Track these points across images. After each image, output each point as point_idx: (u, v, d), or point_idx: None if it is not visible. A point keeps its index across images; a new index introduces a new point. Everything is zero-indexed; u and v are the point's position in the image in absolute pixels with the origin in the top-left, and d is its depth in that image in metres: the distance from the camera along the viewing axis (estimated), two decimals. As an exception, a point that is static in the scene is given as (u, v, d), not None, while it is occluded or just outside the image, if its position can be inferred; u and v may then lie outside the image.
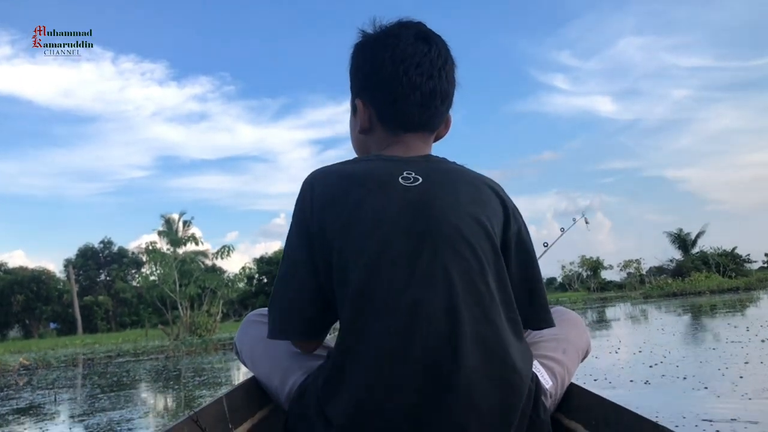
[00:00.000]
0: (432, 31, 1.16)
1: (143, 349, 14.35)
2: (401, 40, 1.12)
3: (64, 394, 6.44)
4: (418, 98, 1.10)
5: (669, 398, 3.38)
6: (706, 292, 23.19)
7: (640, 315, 13.21)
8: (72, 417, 4.75)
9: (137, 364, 10.12)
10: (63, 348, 22.56)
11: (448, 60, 1.15)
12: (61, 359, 12.88)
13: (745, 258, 53.75)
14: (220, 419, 1.06)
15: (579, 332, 1.32)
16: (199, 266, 27.19)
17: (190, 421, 0.95)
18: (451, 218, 0.99)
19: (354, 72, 1.18)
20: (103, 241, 47.59)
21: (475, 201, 1.04)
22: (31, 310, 43.45)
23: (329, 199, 1.01)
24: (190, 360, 10.23)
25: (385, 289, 0.94)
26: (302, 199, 1.05)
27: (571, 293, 50.00)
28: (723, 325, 7.98)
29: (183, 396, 5.53)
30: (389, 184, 1.01)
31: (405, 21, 1.17)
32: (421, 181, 1.02)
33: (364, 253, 0.96)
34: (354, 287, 0.96)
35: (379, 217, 0.98)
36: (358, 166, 1.07)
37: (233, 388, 1.19)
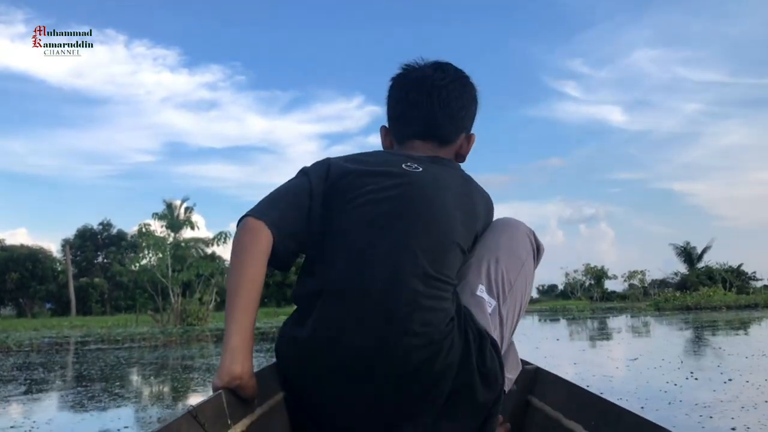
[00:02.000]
0: (451, 64, 1.41)
1: (120, 336, 13.02)
2: (416, 70, 1.40)
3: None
4: (420, 113, 1.35)
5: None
6: (723, 308, 21.85)
7: (676, 329, 11.84)
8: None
9: (103, 354, 8.83)
10: (48, 329, 21.37)
11: (456, 84, 1.37)
12: (25, 344, 11.59)
13: (751, 275, 52.59)
14: (219, 414, 1.03)
15: (512, 233, 1.32)
16: (192, 252, 25.93)
17: (189, 416, 0.93)
18: (436, 199, 1.20)
19: (387, 105, 1.45)
20: (102, 222, 46.35)
21: (463, 194, 1.27)
22: (25, 288, 42.24)
23: (345, 165, 1.26)
24: (162, 353, 8.92)
25: (354, 239, 1.15)
26: (325, 166, 1.27)
27: (574, 301, 48.76)
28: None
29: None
30: (394, 166, 1.25)
31: (433, 61, 1.42)
32: (421, 169, 1.25)
33: (353, 208, 1.18)
34: (333, 229, 1.18)
35: (377, 185, 1.20)
36: (372, 154, 1.34)
37: None
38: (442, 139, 1.37)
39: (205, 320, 22.78)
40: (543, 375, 1.40)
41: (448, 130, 1.37)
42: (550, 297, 60.83)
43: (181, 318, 22.50)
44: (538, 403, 1.33)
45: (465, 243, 1.22)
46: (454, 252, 1.19)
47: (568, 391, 1.23)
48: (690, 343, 7.98)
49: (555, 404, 1.25)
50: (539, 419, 1.31)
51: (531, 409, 1.37)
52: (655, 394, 3.89)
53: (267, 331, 13.80)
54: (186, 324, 21.63)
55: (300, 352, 1.15)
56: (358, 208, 1.18)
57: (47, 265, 43.90)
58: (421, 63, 1.41)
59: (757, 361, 5.38)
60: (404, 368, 1.07)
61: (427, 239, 1.15)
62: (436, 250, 1.15)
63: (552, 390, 1.31)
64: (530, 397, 1.38)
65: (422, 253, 1.13)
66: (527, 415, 1.39)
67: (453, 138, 1.38)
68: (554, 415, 1.22)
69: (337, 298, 1.12)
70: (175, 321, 22.23)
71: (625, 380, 4.51)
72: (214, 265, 25.30)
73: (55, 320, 29.97)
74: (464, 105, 1.38)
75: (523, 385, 1.39)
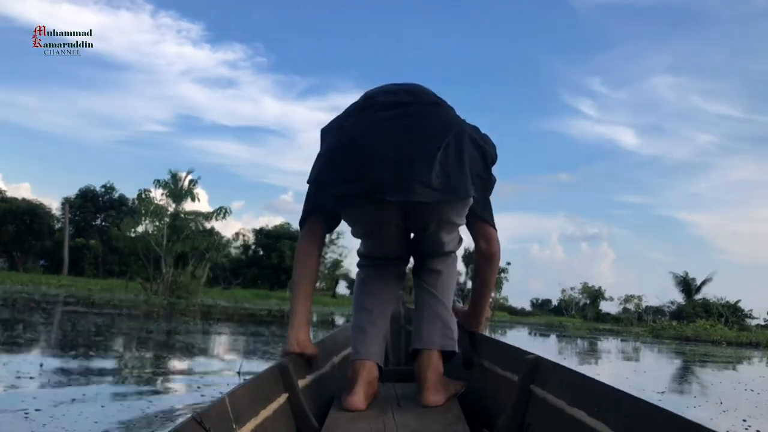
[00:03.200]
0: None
1: (101, 301, 12.32)
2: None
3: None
4: None
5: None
6: (723, 343, 21.10)
7: (680, 360, 11.12)
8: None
9: (75, 317, 8.15)
10: (35, 285, 20.72)
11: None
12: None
13: (747, 313, 51.83)
14: (223, 419, 1.04)
15: None
16: (189, 224, 25.23)
17: (193, 422, 0.93)
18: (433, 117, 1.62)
19: None
20: (105, 185, 45.52)
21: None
22: (20, 242, 41.55)
23: (348, 113, 1.68)
24: (142, 323, 8.22)
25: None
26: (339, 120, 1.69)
27: (567, 318, 48.05)
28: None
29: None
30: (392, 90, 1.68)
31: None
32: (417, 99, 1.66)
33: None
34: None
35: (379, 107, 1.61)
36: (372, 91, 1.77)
37: (236, 388, 1.17)
38: None
39: (195, 294, 22.15)
40: (544, 364, 1.38)
41: None
42: (543, 311, 60.07)
43: (171, 289, 21.88)
44: (540, 392, 1.32)
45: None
46: None
47: (569, 379, 1.22)
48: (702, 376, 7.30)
49: (557, 392, 1.24)
50: (542, 408, 1.30)
51: (533, 398, 1.36)
52: None
53: (256, 312, 13.12)
54: (175, 296, 21.07)
55: None
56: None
57: (45, 221, 43.21)
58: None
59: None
60: None
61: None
62: None
63: (554, 378, 1.30)
64: (532, 386, 1.37)
65: None
66: (530, 404, 1.37)
67: None
68: (557, 403, 1.21)
69: None
70: (164, 291, 21.62)
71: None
72: (210, 240, 24.61)
73: (44, 277, 29.33)
74: None
75: (525, 374, 1.39)
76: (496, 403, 1.59)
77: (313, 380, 1.64)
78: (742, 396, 5.34)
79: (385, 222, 1.63)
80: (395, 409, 1.55)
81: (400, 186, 1.47)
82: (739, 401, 4.93)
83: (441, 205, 1.57)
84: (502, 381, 1.60)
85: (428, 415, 1.51)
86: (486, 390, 1.73)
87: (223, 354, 5.40)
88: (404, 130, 1.53)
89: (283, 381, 1.39)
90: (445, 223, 1.66)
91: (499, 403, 1.55)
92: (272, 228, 46.77)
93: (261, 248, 46.44)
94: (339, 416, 1.50)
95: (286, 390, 1.40)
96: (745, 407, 4.58)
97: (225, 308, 12.93)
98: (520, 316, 50.18)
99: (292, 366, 1.42)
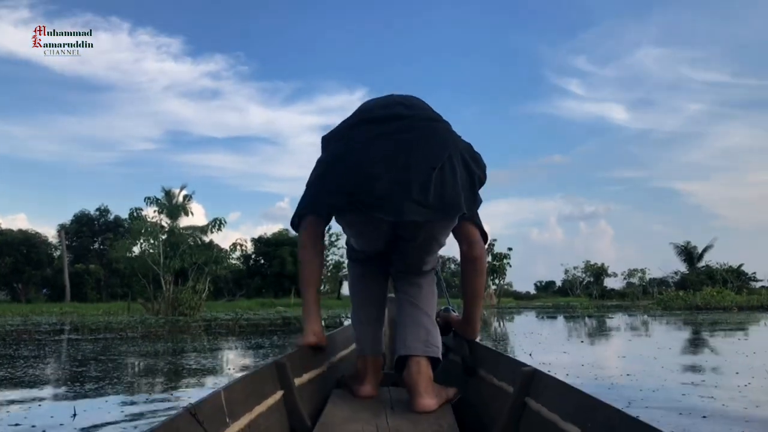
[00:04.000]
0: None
1: (95, 326, 11.86)
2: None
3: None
4: None
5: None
6: (734, 308, 20.77)
7: (705, 330, 10.74)
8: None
9: (65, 345, 7.73)
10: (37, 315, 20.29)
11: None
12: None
13: (751, 276, 51.64)
14: (218, 412, 1.03)
15: None
16: (186, 239, 24.79)
17: (188, 414, 0.92)
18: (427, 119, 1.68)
19: None
20: (99, 208, 44.95)
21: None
22: (19, 273, 41.06)
23: (351, 123, 1.74)
24: (136, 346, 7.81)
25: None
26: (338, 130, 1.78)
27: (573, 298, 47.75)
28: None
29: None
30: (390, 103, 1.73)
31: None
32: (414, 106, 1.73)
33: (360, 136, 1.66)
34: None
35: (378, 120, 1.66)
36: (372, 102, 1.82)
37: (232, 382, 1.16)
38: None
39: (197, 309, 21.76)
40: (540, 377, 1.36)
41: None
42: (547, 294, 59.78)
43: (173, 307, 21.49)
44: (534, 404, 1.30)
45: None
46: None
47: (564, 393, 1.21)
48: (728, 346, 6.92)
49: (551, 406, 1.22)
50: (536, 421, 1.28)
51: (527, 410, 1.34)
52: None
53: (258, 322, 12.71)
54: (178, 313, 20.70)
55: None
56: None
57: (42, 250, 42.71)
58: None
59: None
60: None
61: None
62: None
63: (549, 392, 1.28)
64: (527, 398, 1.35)
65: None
66: (524, 416, 1.36)
67: None
68: (551, 417, 1.20)
69: None
70: (167, 310, 21.22)
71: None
72: (207, 254, 24.16)
73: (45, 306, 28.88)
74: None
75: (520, 386, 1.37)
76: (491, 413, 1.57)
77: (309, 379, 1.64)
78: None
79: (377, 229, 1.68)
80: (389, 414, 1.54)
81: (393, 206, 1.52)
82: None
83: (433, 222, 1.62)
84: (498, 391, 1.58)
85: (421, 421, 1.49)
86: (481, 400, 1.71)
87: (213, 374, 4.98)
88: (400, 147, 1.57)
89: (279, 378, 1.39)
90: (432, 240, 1.72)
91: (493, 414, 1.54)
92: (271, 236, 46.32)
93: (261, 257, 45.99)
94: (332, 416, 1.50)
95: (282, 387, 1.40)
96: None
97: (225, 321, 12.50)
98: (525, 300, 49.89)
99: (289, 364, 1.43)
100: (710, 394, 3.58)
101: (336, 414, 1.52)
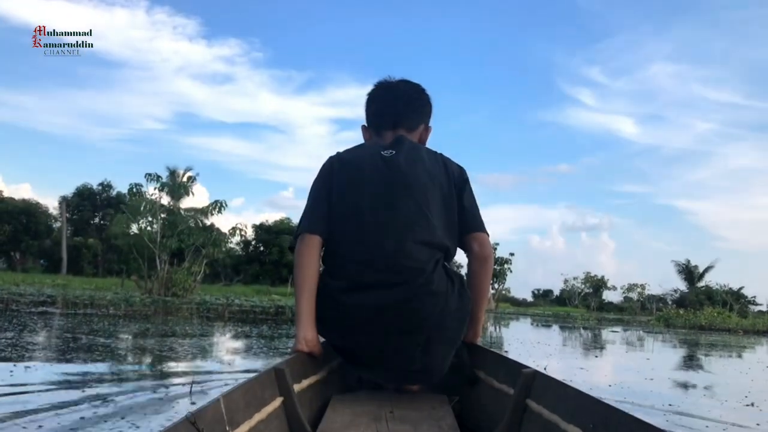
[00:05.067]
0: (410, 81, 1.94)
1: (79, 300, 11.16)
2: (387, 82, 1.93)
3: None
4: (391, 109, 1.87)
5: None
6: (740, 331, 20.04)
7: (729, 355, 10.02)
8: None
9: (42, 318, 7.05)
10: (28, 285, 19.66)
11: (415, 90, 1.91)
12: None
13: (751, 299, 50.93)
14: (217, 421, 1.02)
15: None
16: (187, 220, 24.11)
17: (187, 422, 0.91)
18: (411, 175, 1.67)
19: (365, 110, 1.95)
20: (102, 183, 44.09)
21: (430, 163, 1.73)
22: (17, 242, 40.40)
23: (343, 164, 1.75)
24: (117, 325, 7.12)
25: (360, 213, 1.66)
26: (330, 163, 1.78)
27: (570, 308, 47.05)
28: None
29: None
30: (376, 155, 1.72)
31: (399, 78, 1.95)
32: (395, 152, 1.72)
33: (352, 195, 1.69)
34: (339, 210, 1.69)
35: (368, 173, 1.70)
36: (361, 150, 1.82)
37: (232, 389, 1.15)
38: (409, 127, 1.86)
39: (191, 291, 21.20)
40: (541, 378, 1.37)
41: (411, 120, 1.87)
42: (545, 302, 59.03)
43: (166, 287, 20.93)
44: (535, 406, 1.30)
45: (440, 207, 1.70)
46: (429, 219, 1.65)
47: (565, 395, 1.20)
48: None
49: (553, 408, 1.22)
50: (537, 423, 1.27)
51: (529, 412, 1.34)
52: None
53: (250, 309, 12.02)
54: (171, 293, 20.16)
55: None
56: (358, 191, 1.68)
57: (42, 221, 42.07)
58: (390, 79, 1.92)
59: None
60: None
61: (407, 214, 1.64)
62: (417, 221, 1.64)
63: (550, 393, 1.28)
64: (528, 400, 1.35)
65: (404, 225, 1.63)
66: (525, 418, 1.35)
67: (416, 125, 1.89)
68: (552, 418, 1.19)
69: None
70: (159, 289, 20.66)
71: None
72: (206, 235, 23.46)
73: (38, 277, 28.27)
74: (422, 103, 1.91)
75: (521, 388, 1.37)
76: (492, 415, 1.55)
77: (309, 385, 1.61)
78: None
79: None
80: (389, 417, 1.50)
81: (388, 255, 1.61)
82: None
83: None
84: (499, 393, 1.56)
85: (422, 424, 1.46)
86: (481, 402, 1.70)
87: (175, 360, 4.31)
88: (389, 189, 1.68)
89: (278, 384, 1.38)
90: None
91: (494, 416, 1.51)
92: (272, 223, 45.63)
93: (261, 244, 45.30)
94: (333, 422, 1.47)
95: (281, 393, 1.39)
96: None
97: (216, 306, 11.80)
98: (523, 307, 49.18)
99: (288, 369, 1.42)
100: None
101: (336, 420, 1.49)
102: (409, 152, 1.70)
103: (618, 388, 4.24)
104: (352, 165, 1.71)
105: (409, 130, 1.84)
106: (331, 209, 1.69)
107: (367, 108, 1.90)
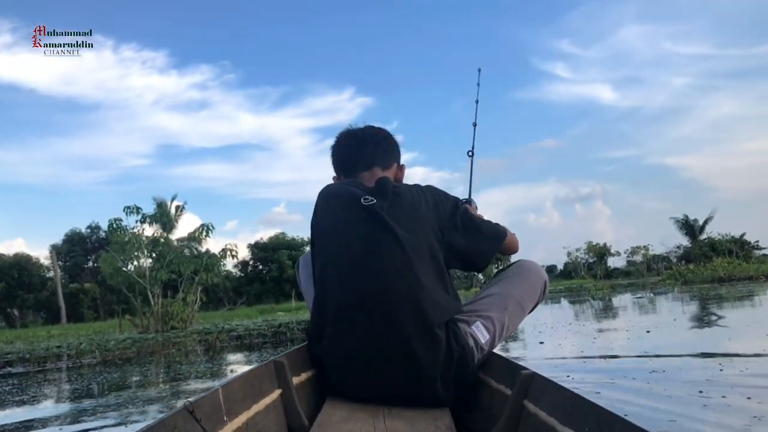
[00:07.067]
0: (374, 126, 1.90)
1: (45, 353, 9.66)
2: (354, 129, 1.88)
3: None
4: (364, 152, 1.80)
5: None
6: (762, 277, 18.85)
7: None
8: None
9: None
10: (21, 340, 18.21)
11: (379, 134, 1.85)
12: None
13: (754, 245, 49.99)
14: (215, 410, 1.02)
15: (530, 283, 1.76)
16: (180, 250, 22.68)
17: (186, 411, 0.91)
18: (393, 224, 1.52)
19: (333, 159, 1.89)
20: (91, 226, 42.66)
21: (414, 206, 1.59)
22: (13, 298, 38.87)
23: (322, 208, 1.68)
24: (83, 380, 5.76)
25: (340, 264, 1.56)
26: (315, 206, 1.71)
27: (578, 280, 45.83)
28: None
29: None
30: (355, 202, 1.58)
31: (364, 125, 1.91)
32: (375, 201, 1.57)
33: (330, 247, 1.61)
34: (321, 262, 1.62)
35: (346, 224, 1.58)
36: (341, 189, 1.68)
37: (230, 380, 1.15)
38: (384, 165, 1.80)
39: (189, 322, 19.82)
40: (538, 380, 1.31)
41: (384, 158, 1.82)
42: (551, 277, 57.64)
43: (164, 321, 19.57)
44: (533, 408, 1.25)
45: (432, 246, 1.58)
46: (423, 265, 1.53)
47: (563, 397, 1.17)
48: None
49: (550, 410, 1.18)
50: (534, 424, 1.23)
51: (525, 414, 1.30)
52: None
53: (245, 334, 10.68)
54: (170, 327, 18.83)
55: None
56: (339, 245, 1.60)
57: (35, 273, 40.54)
58: (353, 126, 1.88)
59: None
60: None
61: (395, 266, 1.51)
62: (407, 273, 1.51)
63: (547, 395, 1.23)
64: (525, 401, 1.31)
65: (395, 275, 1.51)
66: (522, 420, 1.32)
67: (389, 164, 1.83)
68: (549, 420, 1.16)
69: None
70: (156, 324, 19.30)
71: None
72: (196, 262, 22.05)
73: (32, 330, 26.76)
74: (390, 143, 1.86)
75: (519, 389, 1.33)
76: (488, 416, 1.50)
77: (307, 378, 1.62)
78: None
79: None
80: (386, 414, 1.48)
81: (382, 299, 1.54)
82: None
83: None
84: (496, 394, 1.51)
85: (419, 421, 1.44)
86: (479, 402, 1.64)
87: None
88: (368, 242, 1.58)
89: (277, 376, 1.40)
90: None
91: (491, 417, 1.47)
92: (267, 240, 44.24)
93: (259, 263, 43.90)
94: (330, 415, 1.46)
95: (280, 386, 1.40)
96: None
97: (206, 337, 10.42)
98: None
99: (287, 362, 1.43)
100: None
101: (333, 413, 1.46)
102: (393, 200, 1.59)
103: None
104: (329, 210, 1.67)
105: (384, 169, 1.80)
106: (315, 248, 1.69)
107: (334, 156, 1.88)
